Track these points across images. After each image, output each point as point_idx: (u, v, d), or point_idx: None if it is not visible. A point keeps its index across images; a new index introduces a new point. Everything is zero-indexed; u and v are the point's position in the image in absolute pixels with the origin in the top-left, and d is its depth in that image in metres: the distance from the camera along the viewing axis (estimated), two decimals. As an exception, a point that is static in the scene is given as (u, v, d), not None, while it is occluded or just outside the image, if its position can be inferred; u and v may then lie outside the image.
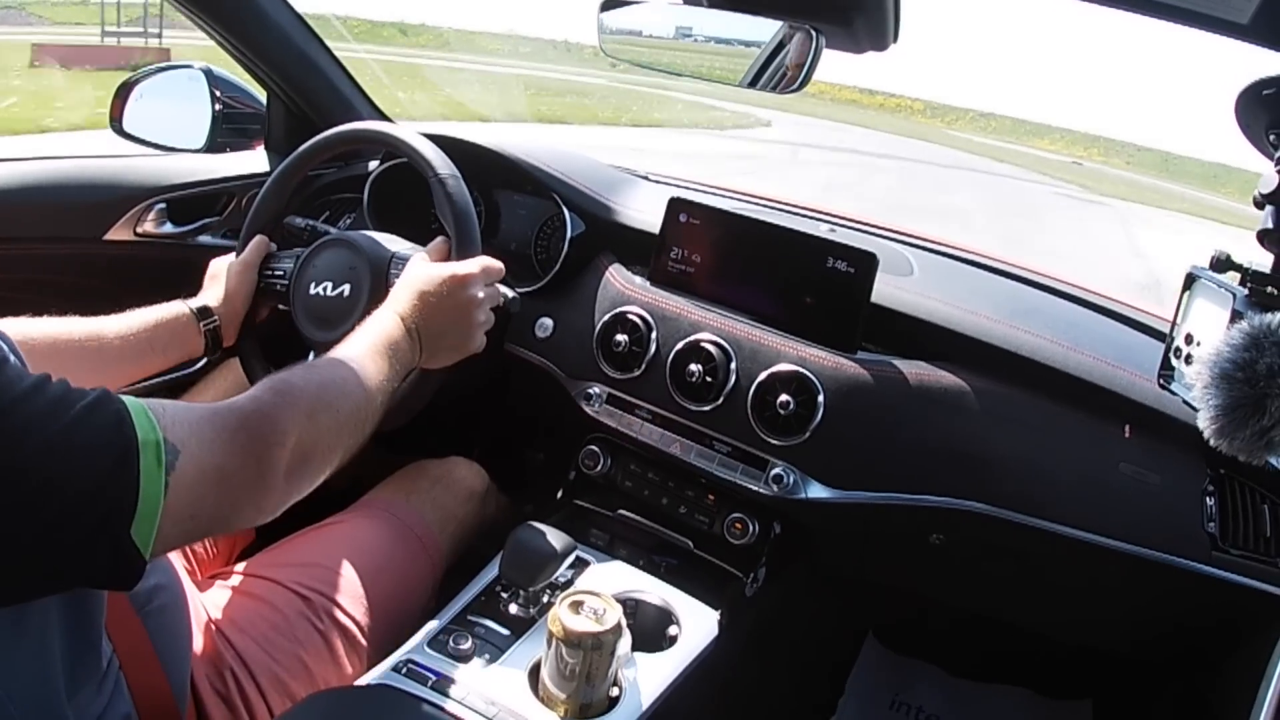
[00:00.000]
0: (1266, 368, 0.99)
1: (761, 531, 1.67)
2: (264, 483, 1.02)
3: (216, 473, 0.95)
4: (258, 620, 1.38)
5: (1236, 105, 1.14)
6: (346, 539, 1.56)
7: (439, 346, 1.43)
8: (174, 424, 0.91)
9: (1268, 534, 1.45)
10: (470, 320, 1.45)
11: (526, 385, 1.93)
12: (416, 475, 1.75)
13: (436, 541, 1.63)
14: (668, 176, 2.31)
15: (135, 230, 2.00)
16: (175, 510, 0.89)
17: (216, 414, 1.00)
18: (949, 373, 1.60)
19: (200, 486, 0.93)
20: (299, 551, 1.53)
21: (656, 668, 1.39)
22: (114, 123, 2.04)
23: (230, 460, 0.97)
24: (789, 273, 1.67)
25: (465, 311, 1.44)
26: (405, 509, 1.64)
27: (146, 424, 0.87)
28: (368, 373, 1.23)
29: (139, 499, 0.85)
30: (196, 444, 0.93)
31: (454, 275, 1.43)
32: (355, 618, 1.44)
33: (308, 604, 1.42)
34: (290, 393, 1.08)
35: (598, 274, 1.86)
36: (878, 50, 1.24)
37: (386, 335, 1.33)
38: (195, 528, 0.97)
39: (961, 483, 1.57)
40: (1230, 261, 1.15)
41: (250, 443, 1.00)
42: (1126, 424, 1.53)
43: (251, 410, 1.03)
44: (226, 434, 0.98)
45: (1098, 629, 1.88)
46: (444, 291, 1.42)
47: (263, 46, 2.06)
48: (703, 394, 1.65)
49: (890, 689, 2.27)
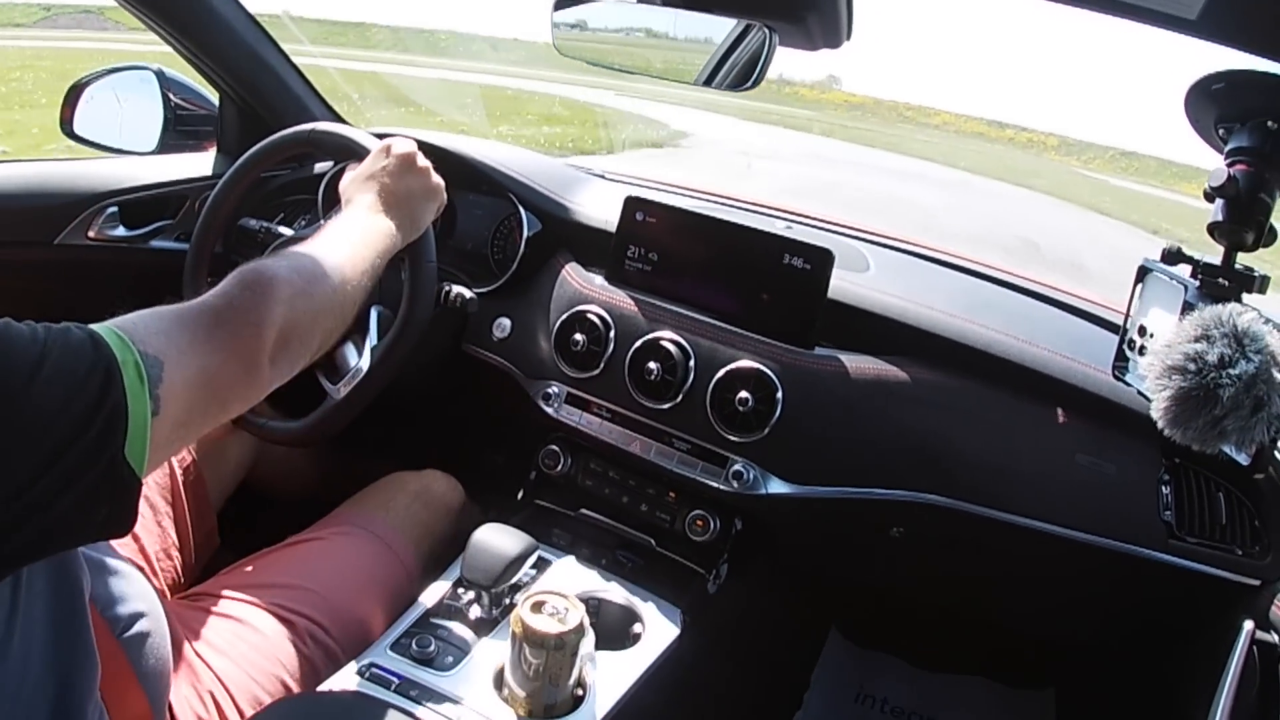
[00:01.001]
0: (1218, 358, 1.01)
1: (723, 528, 1.68)
2: (250, 375, 1.02)
3: (201, 374, 0.94)
4: (237, 641, 1.35)
5: (1186, 100, 1.15)
6: (326, 557, 1.54)
7: (412, 207, 1.46)
8: (148, 336, 0.89)
9: (1223, 521, 1.47)
10: (421, 170, 1.50)
11: (485, 386, 1.93)
12: (394, 490, 1.73)
13: (414, 559, 1.61)
14: (623, 175, 2.31)
15: (87, 234, 1.97)
16: (165, 423, 0.88)
17: (189, 316, 0.98)
18: (906, 367, 1.61)
19: (188, 392, 0.91)
20: (278, 570, 1.50)
21: (621, 666, 1.39)
22: (64, 125, 2.02)
23: (212, 359, 0.96)
24: (745, 270, 1.67)
25: (409, 164, 1.48)
26: (384, 526, 1.62)
27: (120, 344, 0.85)
28: (340, 256, 1.24)
29: (129, 420, 0.83)
30: (176, 351, 0.91)
31: (379, 151, 1.49)
32: (336, 637, 1.43)
33: (289, 625, 1.40)
34: (261, 281, 1.07)
35: (555, 273, 1.85)
36: (831, 47, 1.24)
37: (352, 222, 1.36)
38: (188, 434, 0.96)
39: (920, 476, 1.58)
40: (1181, 254, 1.17)
41: (230, 339, 0.99)
42: (1059, 408, 1.55)
43: (224, 306, 1.02)
44: (203, 333, 0.97)
45: (1058, 618, 1.89)
46: (383, 164, 1.46)
47: (214, 47, 2.04)
48: (662, 392, 1.65)
49: (855, 682, 2.28)
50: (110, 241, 2.02)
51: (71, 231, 1.95)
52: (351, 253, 1.28)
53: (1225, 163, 1.11)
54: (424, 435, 2.32)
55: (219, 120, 2.22)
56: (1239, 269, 1.13)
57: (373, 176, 1.45)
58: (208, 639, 1.35)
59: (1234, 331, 1.02)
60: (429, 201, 1.51)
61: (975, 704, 2.22)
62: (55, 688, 0.95)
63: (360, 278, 1.26)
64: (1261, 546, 1.44)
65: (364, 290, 1.28)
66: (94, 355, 0.83)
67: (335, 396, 1.53)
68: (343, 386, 1.53)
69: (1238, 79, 1.08)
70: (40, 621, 0.94)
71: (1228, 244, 1.13)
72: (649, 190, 2.11)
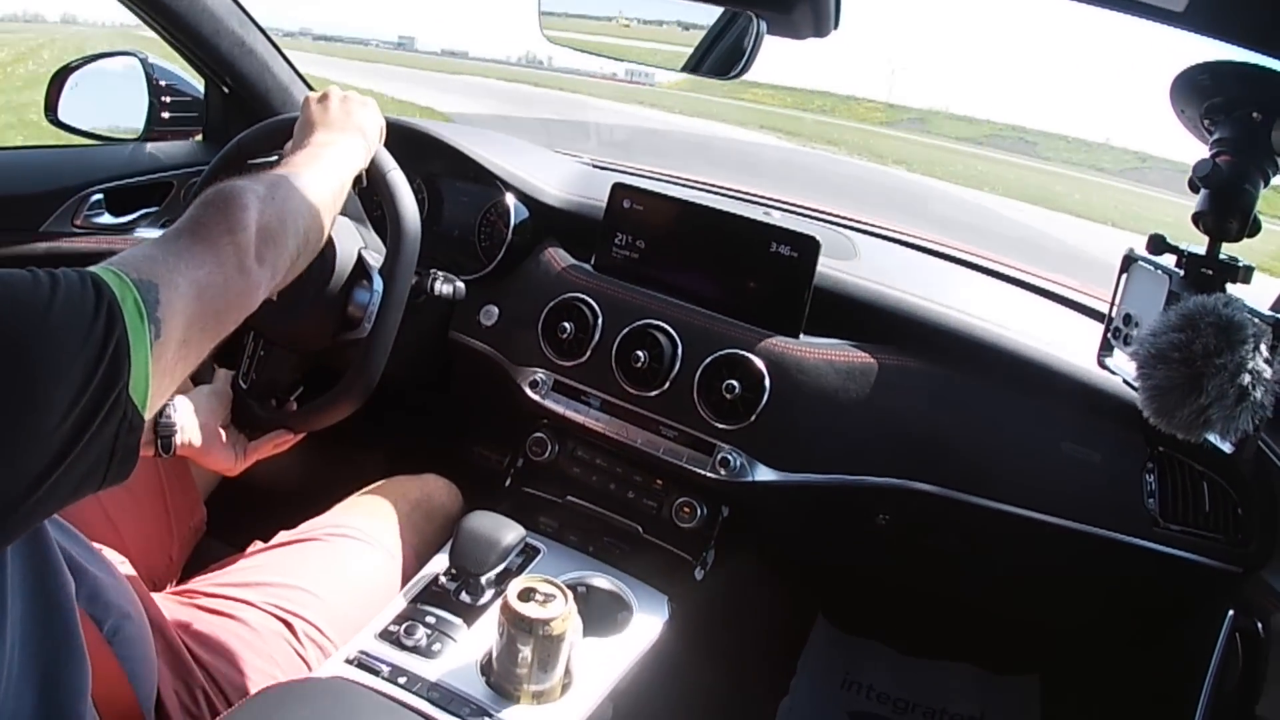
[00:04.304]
0: (1203, 347, 1.02)
1: (709, 515, 1.68)
2: (241, 277, 1.04)
3: (193, 287, 0.94)
4: (232, 640, 1.35)
5: (1171, 91, 1.15)
6: (325, 561, 1.53)
7: (350, 122, 1.48)
8: (139, 264, 0.90)
9: (1207, 509, 1.48)
10: (347, 96, 1.54)
11: (472, 373, 1.93)
12: (394, 496, 1.71)
13: (413, 568, 1.61)
14: (611, 162, 2.31)
15: (73, 222, 1.96)
16: (169, 345, 0.89)
17: (168, 239, 1.00)
18: (893, 355, 1.62)
19: (185, 308, 0.92)
20: (276, 570, 1.49)
21: (608, 653, 1.40)
22: (49, 112, 2.00)
23: (200, 271, 0.97)
24: (732, 257, 1.68)
25: (332, 97, 1.52)
26: (384, 533, 1.61)
27: (117, 281, 0.85)
28: (297, 165, 1.28)
29: (131, 359, 0.83)
30: (166, 270, 0.92)
31: (310, 102, 1.52)
32: (332, 639, 1.42)
33: (285, 625, 1.40)
34: (223, 192, 1.09)
35: (542, 261, 1.85)
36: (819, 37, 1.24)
37: (303, 148, 1.39)
38: (190, 353, 0.95)
39: (906, 463, 1.59)
40: (1166, 243, 1.17)
41: (210, 248, 1.01)
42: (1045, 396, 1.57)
43: (196, 223, 1.04)
44: (184, 250, 0.98)
45: (1044, 605, 1.90)
46: (309, 110, 1.50)
47: (200, 33, 2.02)
48: (649, 380, 1.66)
49: (842, 669, 2.29)
50: (96, 229, 2.01)
51: (57, 219, 1.94)
52: (308, 161, 1.31)
53: (1210, 153, 1.12)
54: (412, 425, 2.32)
55: (205, 107, 2.21)
56: (1223, 259, 1.13)
57: (307, 121, 1.47)
58: (201, 635, 1.34)
59: (1219, 321, 1.02)
60: (365, 112, 1.52)
61: (961, 690, 2.23)
62: (41, 688, 0.94)
63: (321, 181, 1.28)
64: (1244, 534, 1.45)
65: (329, 195, 1.29)
66: (95, 296, 0.82)
67: (364, 334, 1.53)
68: (366, 322, 1.53)
69: (1222, 70, 1.08)
70: (21, 619, 0.92)
71: (1212, 234, 1.13)
72: (636, 178, 2.10)
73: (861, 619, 2.36)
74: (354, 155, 1.44)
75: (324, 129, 1.43)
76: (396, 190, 1.54)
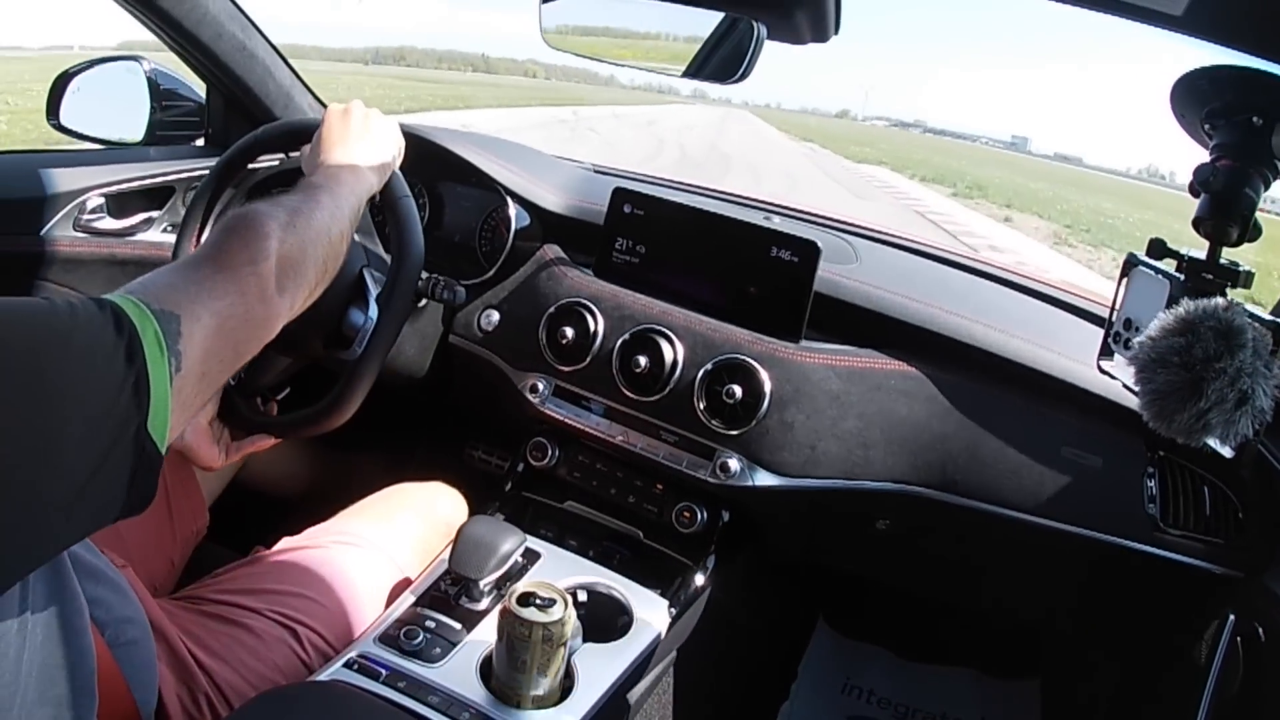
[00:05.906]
0: (1203, 352, 1.02)
1: (710, 520, 1.68)
2: (263, 308, 1.03)
3: (214, 319, 0.93)
4: (235, 645, 1.34)
5: (1172, 96, 1.16)
6: (330, 568, 1.52)
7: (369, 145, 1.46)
8: (160, 293, 0.89)
9: (1208, 513, 1.48)
10: (366, 115, 1.51)
11: (472, 378, 1.93)
12: (399, 504, 1.71)
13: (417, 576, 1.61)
14: (612, 168, 2.31)
15: (74, 225, 1.96)
16: (189, 379, 0.88)
17: (189, 267, 0.99)
18: (894, 360, 1.62)
19: (205, 341, 0.91)
20: (281, 576, 1.48)
21: (608, 657, 1.39)
22: (51, 116, 2.01)
23: (221, 303, 0.96)
24: (732, 262, 1.68)
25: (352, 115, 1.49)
26: (389, 542, 1.60)
27: (137, 312, 0.84)
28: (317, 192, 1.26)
29: (151, 394, 0.82)
30: (188, 301, 0.91)
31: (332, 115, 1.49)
32: (335, 647, 1.41)
33: (288, 631, 1.39)
34: (246, 220, 1.07)
35: (543, 266, 1.85)
36: (819, 41, 1.24)
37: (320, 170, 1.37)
38: (208, 385, 0.94)
39: (907, 468, 1.59)
40: (1167, 248, 1.18)
41: (232, 279, 1.00)
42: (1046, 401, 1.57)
43: (219, 251, 1.02)
44: (207, 280, 0.97)
45: (1044, 610, 1.90)
46: (329, 125, 1.47)
47: (201, 38, 2.02)
48: (649, 385, 1.66)
49: (842, 673, 2.29)
50: (97, 233, 2.01)
51: (58, 223, 1.94)
52: (328, 186, 1.29)
53: (1211, 158, 1.12)
54: (413, 430, 2.32)
55: (206, 112, 2.21)
56: (1223, 264, 1.13)
57: (328, 134, 1.46)
58: (203, 641, 1.33)
59: (1219, 325, 1.02)
60: (387, 131, 1.51)
61: (961, 695, 2.23)
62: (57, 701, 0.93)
63: (340, 209, 1.27)
64: (1245, 539, 1.45)
65: (347, 222, 1.28)
66: (115, 328, 0.81)
67: (353, 358, 1.52)
68: (357, 345, 1.52)
69: (1222, 75, 1.08)
70: (42, 632, 0.91)
71: (1213, 239, 1.13)
72: (637, 183, 2.11)
73: (862, 624, 2.36)
74: (372, 177, 1.43)
75: (345, 146, 1.43)
76: (405, 220, 1.52)
